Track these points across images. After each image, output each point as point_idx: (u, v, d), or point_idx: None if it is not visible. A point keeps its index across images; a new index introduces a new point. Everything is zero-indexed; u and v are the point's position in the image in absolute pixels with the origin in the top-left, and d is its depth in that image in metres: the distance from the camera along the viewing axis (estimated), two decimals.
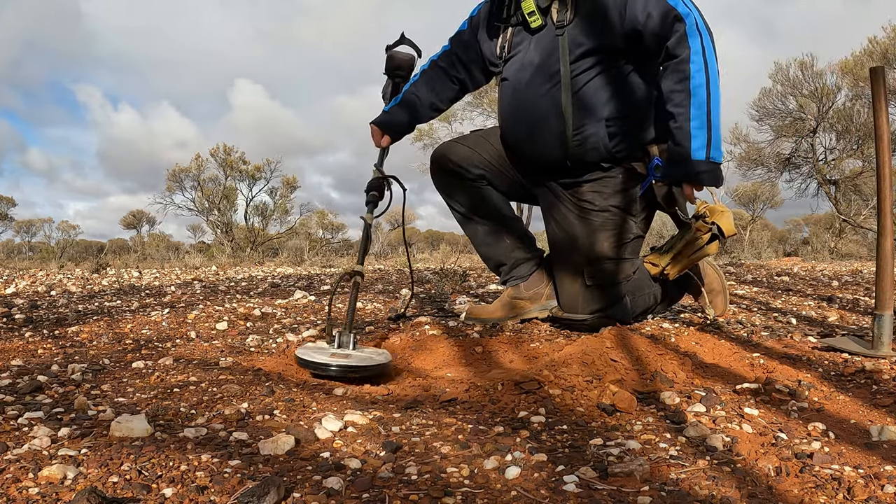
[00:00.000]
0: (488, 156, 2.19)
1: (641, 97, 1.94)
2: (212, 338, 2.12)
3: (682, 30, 1.75)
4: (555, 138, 1.96)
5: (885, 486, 0.93)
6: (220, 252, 13.75)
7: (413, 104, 2.27)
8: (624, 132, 1.94)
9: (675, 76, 1.78)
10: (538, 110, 1.97)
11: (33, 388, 1.42)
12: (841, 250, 11.13)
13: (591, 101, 1.91)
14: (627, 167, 1.99)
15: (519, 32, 2.00)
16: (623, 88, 1.92)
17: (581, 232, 2.03)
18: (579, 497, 0.90)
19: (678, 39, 1.76)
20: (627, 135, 1.95)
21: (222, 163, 17.50)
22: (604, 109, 1.91)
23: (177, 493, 0.89)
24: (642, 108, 1.95)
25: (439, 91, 2.28)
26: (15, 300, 3.22)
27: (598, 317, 2.05)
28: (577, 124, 1.92)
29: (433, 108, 2.30)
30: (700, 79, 1.76)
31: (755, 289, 3.38)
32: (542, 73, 1.93)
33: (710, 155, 1.77)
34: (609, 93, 1.91)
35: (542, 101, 1.95)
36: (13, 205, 25.41)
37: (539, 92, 1.95)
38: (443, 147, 2.28)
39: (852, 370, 1.58)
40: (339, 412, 1.27)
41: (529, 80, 1.96)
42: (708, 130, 1.76)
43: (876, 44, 11.97)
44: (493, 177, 2.20)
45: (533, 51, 1.96)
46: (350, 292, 1.92)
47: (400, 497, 0.89)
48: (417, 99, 2.27)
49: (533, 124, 1.99)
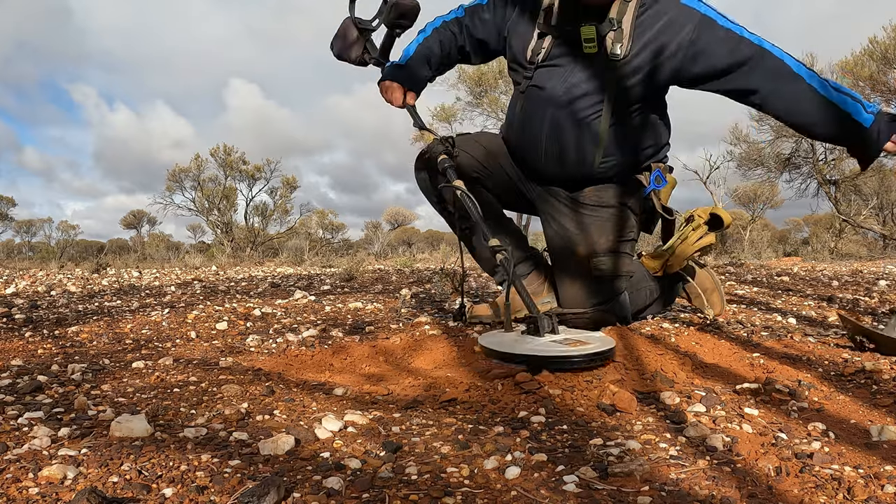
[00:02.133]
0: (483, 159, 2.16)
1: (660, 131, 2.03)
2: (212, 338, 2.12)
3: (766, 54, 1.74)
4: (581, 161, 1.97)
5: (885, 486, 0.93)
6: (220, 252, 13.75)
7: (428, 59, 2.10)
8: (643, 160, 2.03)
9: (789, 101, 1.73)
10: (572, 132, 1.93)
11: (33, 388, 1.42)
12: (841, 250, 11.12)
13: (624, 133, 1.94)
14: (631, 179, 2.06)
15: (561, 45, 1.89)
16: (651, 124, 1.98)
17: (581, 229, 2.05)
18: (579, 497, 0.90)
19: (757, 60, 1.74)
20: (645, 160, 2.04)
21: (222, 163, 17.51)
22: (632, 141, 1.97)
23: (177, 493, 0.89)
24: (660, 138, 2.04)
25: (448, 54, 2.14)
26: (15, 300, 3.22)
27: (598, 310, 2.06)
28: (607, 154, 1.95)
29: (439, 69, 2.17)
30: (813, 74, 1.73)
31: (755, 289, 3.38)
32: (587, 99, 1.88)
33: (867, 109, 1.70)
34: (641, 129, 1.96)
35: (579, 125, 1.91)
36: (13, 205, 25.42)
37: (578, 116, 1.90)
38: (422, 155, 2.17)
39: (852, 370, 1.58)
40: (339, 412, 1.27)
41: (570, 100, 1.89)
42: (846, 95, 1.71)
43: (876, 44, 11.97)
44: (486, 180, 2.18)
45: (580, 72, 1.87)
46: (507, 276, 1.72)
47: (400, 497, 0.89)
48: (432, 54, 2.10)
49: (561, 143, 1.96)
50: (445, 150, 1.98)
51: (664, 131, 2.06)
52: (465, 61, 2.23)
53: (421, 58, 2.10)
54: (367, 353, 1.90)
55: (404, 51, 2.14)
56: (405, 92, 2.07)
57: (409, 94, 2.08)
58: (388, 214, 28.34)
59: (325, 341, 2.03)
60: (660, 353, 1.71)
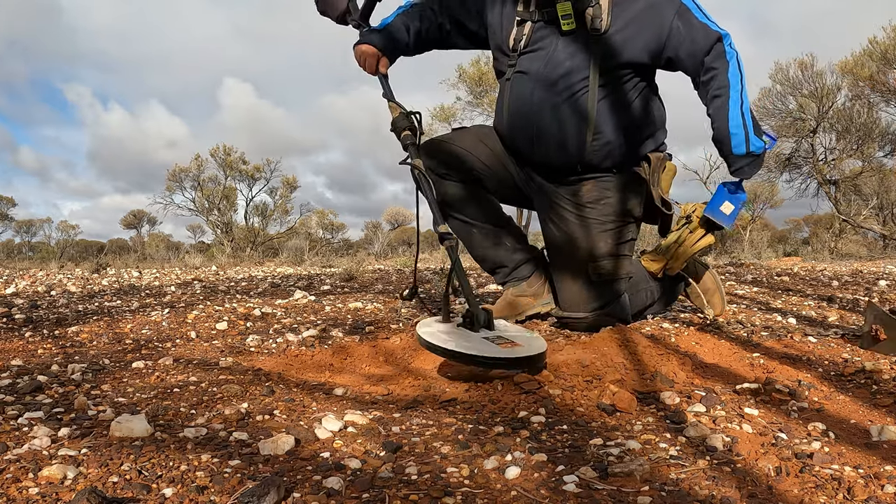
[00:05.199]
0: (486, 159, 2.16)
1: (653, 110, 2.05)
2: (212, 338, 2.12)
3: (722, 49, 1.88)
4: (574, 140, 1.98)
5: (885, 486, 0.93)
6: (220, 252, 13.75)
7: (407, 28, 2.11)
8: (637, 142, 2.03)
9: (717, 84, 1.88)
10: (560, 110, 1.96)
11: (33, 388, 1.42)
12: (841, 250, 11.12)
13: (614, 110, 1.96)
14: (630, 171, 2.05)
15: (541, 28, 1.96)
16: (641, 102, 2.00)
17: (581, 231, 2.05)
18: (579, 497, 0.90)
19: (717, 55, 1.88)
20: (639, 144, 2.04)
21: (222, 163, 17.52)
22: (623, 119, 1.98)
23: (177, 493, 0.89)
24: (654, 121, 2.06)
25: (428, 29, 2.13)
26: (15, 300, 3.22)
27: (598, 314, 2.06)
28: (598, 130, 1.96)
29: (419, 43, 2.16)
30: (736, 87, 1.87)
31: (755, 289, 3.38)
32: (571, 76, 1.93)
33: (749, 149, 1.89)
34: (629, 104, 1.98)
35: (568, 103, 1.95)
36: (13, 205, 25.45)
37: (565, 94, 1.94)
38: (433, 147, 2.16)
39: (852, 370, 1.58)
40: (339, 412, 1.27)
41: (556, 79, 1.94)
42: (745, 128, 1.88)
43: (876, 44, 11.97)
44: (488, 180, 2.18)
45: (562, 51, 1.94)
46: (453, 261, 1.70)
47: (400, 497, 0.89)
48: (411, 24, 2.11)
49: (551, 123, 1.98)
50: (409, 126, 1.96)
51: (657, 114, 2.07)
52: (446, 43, 2.22)
53: (399, 25, 2.10)
54: (367, 353, 1.90)
55: (383, 20, 2.15)
56: (378, 58, 2.07)
57: (382, 60, 2.07)
58: (388, 214, 28.34)
59: (325, 341, 2.03)
60: (660, 353, 1.71)
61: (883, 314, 1.78)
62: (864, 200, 13.77)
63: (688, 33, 1.88)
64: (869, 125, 12.63)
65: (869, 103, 12.65)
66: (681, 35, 1.88)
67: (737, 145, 1.88)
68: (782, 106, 13.29)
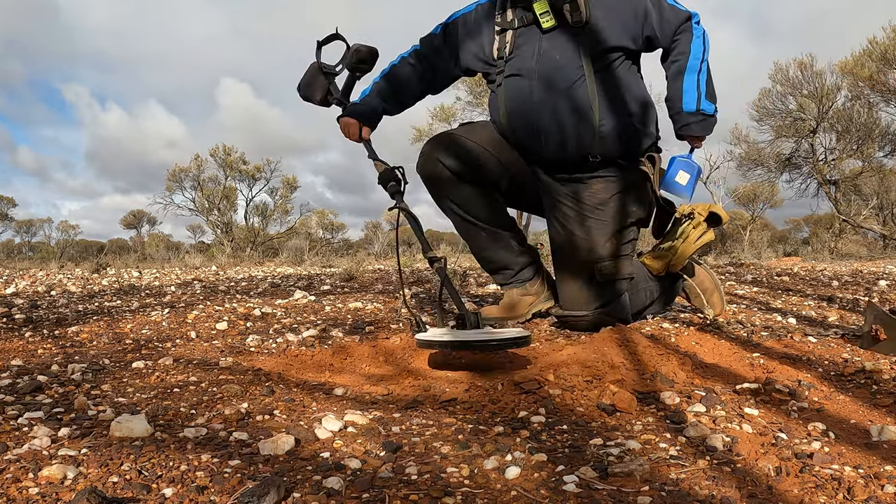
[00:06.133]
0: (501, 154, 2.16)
1: (644, 88, 2.11)
2: (212, 338, 2.12)
3: (690, 26, 1.99)
4: (583, 130, 2.00)
5: (885, 486, 0.93)
6: (220, 252, 13.74)
7: (386, 95, 2.27)
8: (640, 126, 2.06)
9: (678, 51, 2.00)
10: (565, 104, 1.99)
11: (33, 388, 1.42)
12: (841, 250, 11.12)
13: (614, 94, 2.00)
14: (634, 167, 2.06)
15: (523, 33, 2.03)
16: (635, 85, 2.06)
17: (584, 231, 2.07)
18: (579, 497, 0.90)
19: (684, 30, 2.00)
20: (642, 128, 2.07)
21: (222, 163, 17.52)
22: (624, 101, 2.02)
23: (177, 493, 0.89)
24: (649, 104, 2.10)
25: (408, 88, 2.30)
26: (15, 300, 3.22)
27: (598, 313, 2.07)
28: (604, 115, 2.00)
29: (400, 104, 2.32)
30: (697, 55, 1.97)
31: (755, 289, 3.38)
32: (566, 68, 1.97)
33: (699, 107, 1.96)
34: (626, 88, 2.03)
35: (569, 95, 1.98)
36: (13, 205, 25.46)
37: (564, 86, 1.98)
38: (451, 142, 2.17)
39: (852, 370, 1.58)
40: (339, 412, 1.27)
41: (552, 74, 1.98)
42: (697, 89, 1.96)
43: (875, 44, 11.97)
44: (502, 180, 2.19)
45: (549, 48, 1.99)
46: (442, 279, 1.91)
47: (400, 497, 0.89)
48: (388, 90, 2.27)
49: (559, 117, 2.00)
50: (394, 178, 2.11)
51: (643, 93, 2.11)
52: (431, 89, 2.35)
53: (375, 95, 2.27)
54: (367, 353, 1.91)
55: (363, 91, 2.30)
56: (360, 127, 2.20)
57: (364, 128, 2.21)
58: (388, 215, 28.34)
59: (325, 341, 2.03)
60: (660, 353, 1.71)
61: (883, 314, 1.78)
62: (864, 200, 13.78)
63: (659, 13, 1.99)
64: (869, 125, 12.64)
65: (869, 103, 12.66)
66: (654, 15, 1.98)
67: (687, 102, 1.95)
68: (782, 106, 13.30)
